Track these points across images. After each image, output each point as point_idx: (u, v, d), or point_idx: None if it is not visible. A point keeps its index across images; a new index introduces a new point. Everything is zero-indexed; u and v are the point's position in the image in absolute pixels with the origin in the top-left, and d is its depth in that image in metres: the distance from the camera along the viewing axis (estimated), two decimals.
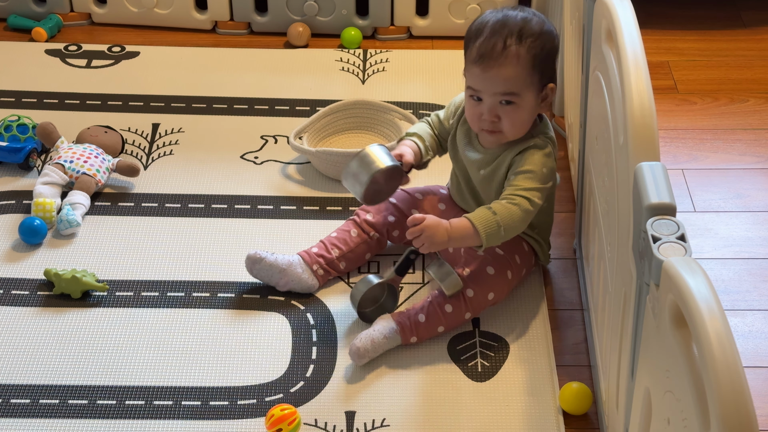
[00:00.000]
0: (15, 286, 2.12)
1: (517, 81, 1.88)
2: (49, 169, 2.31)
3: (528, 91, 1.90)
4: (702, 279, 1.21)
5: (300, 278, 2.08)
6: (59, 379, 1.94)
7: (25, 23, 2.90)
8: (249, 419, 1.87)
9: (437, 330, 1.99)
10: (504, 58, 1.87)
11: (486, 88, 1.90)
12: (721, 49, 2.86)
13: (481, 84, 1.90)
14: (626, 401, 1.59)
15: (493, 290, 2.00)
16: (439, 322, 1.98)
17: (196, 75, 2.74)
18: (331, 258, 2.10)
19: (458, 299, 1.98)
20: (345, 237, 2.12)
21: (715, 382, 1.11)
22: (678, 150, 2.50)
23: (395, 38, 2.89)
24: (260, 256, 2.06)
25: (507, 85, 1.88)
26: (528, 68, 1.88)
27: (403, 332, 1.96)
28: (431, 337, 1.99)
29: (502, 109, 1.91)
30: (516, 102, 1.90)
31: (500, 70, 1.87)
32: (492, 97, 1.90)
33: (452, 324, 2.00)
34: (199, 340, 2.02)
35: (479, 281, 2.00)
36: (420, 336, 1.98)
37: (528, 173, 1.92)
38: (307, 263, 2.09)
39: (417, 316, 1.97)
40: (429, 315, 1.97)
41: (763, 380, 1.96)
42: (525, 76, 1.88)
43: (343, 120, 2.49)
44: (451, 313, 1.98)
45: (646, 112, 1.53)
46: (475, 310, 2.00)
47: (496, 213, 1.88)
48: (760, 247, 2.23)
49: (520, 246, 2.06)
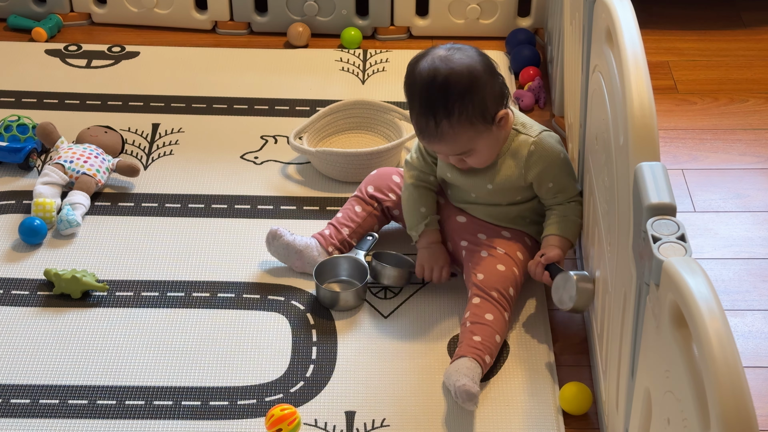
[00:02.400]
0: (15, 286, 2.12)
1: (463, 143, 1.93)
2: (49, 169, 2.31)
3: (479, 138, 1.93)
4: (702, 279, 1.21)
5: (315, 261, 2.10)
6: (59, 379, 1.94)
7: (25, 23, 2.90)
8: (249, 419, 1.87)
9: (496, 340, 1.93)
10: (440, 136, 1.92)
11: (438, 153, 2.00)
12: (721, 49, 2.86)
13: (432, 149, 2.01)
14: (626, 401, 1.59)
15: (511, 285, 2.00)
16: (492, 332, 1.93)
17: (196, 75, 2.74)
18: (343, 237, 2.14)
19: (490, 303, 1.95)
20: (351, 215, 2.15)
21: (715, 382, 1.11)
22: (678, 150, 2.50)
23: (395, 38, 2.89)
24: (280, 233, 2.10)
25: (455, 149, 1.94)
26: (468, 126, 1.91)
27: (478, 357, 1.89)
28: (497, 351, 1.93)
29: (463, 158, 1.97)
30: (473, 150, 1.95)
31: (441, 146, 1.95)
32: (447, 157, 1.98)
33: (502, 329, 1.95)
34: (199, 340, 2.02)
35: (496, 280, 1.98)
36: (489, 352, 1.91)
37: (556, 177, 2.01)
38: (323, 246, 2.12)
39: (472, 339, 1.92)
40: (479, 332, 1.92)
41: (763, 380, 1.96)
42: (470, 134, 1.92)
43: (343, 120, 2.49)
44: (494, 319, 1.94)
45: (646, 112, 1.52)
46: (509, 309, 1.98)
47: (567, 215, 2.03)
48: (760, 247, 2.23)
49: (522, 241, 2.06)
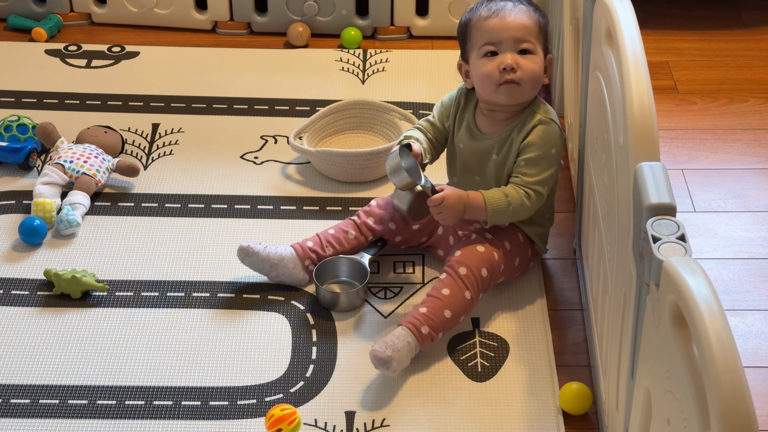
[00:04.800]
0: (15, 286, 2.12)
1: (531, 31, 1.97)
2: (49, 169, 2.31)
3: (539, 48, 1.98)
4: (702, 279, 1.21)
5: (290, 273, 2.09)
6: (59, 379, 1.94)
7: (25, 23, 2.90)
8: (249, 419, 1.87)
9: (444, 314, 1.93)
10: (518, 11, 1.98)
11: (504, 36, 1.97)
12: (721, 49, 2.86)
13: (498, 33, 1.97)
14: (626, 401, 1.59)
15: (485, 266, 1.99)
16: (441, 305, 1.94)
17: (196, 75, 2.74)
18: (324, 256, 2.11)
19: (452, 279, 1.96)
20: (342, 237, 2.12)
21: (715, 382, 1.11)
22: (678, 150, 2.50)
23: (395, 38, 2.89)
24: (253, 249, 2.07)
25: (525, 32, 1.96)
26: (536, 26, 1.98)
27: (413, 326, 1.90)
28: (445, 327, 1.94)
29: (520, 58, 1.96)
30: (532, 52, 1.97)
31: (517, 18, 1.97)
32: (510, 44, 1.96)
33: (456, 306, 1.95)
34: (199, 340, 2.02)
35: (470, 257, 1.99)
36: (430, 323, 1.91)
37: (538, 159, 1.97)
38: (300, 257, 2.10)
39: (418, 310, 1.94)
40: (429, 304, 1.95)
41: (763, 380, 1.96)
42: (536, 31, 1.98)
43: (343, 120, 2.49)
44: (449, 295, 1.95)
45: (646, 112, 1.52)
46: (473, 289, 1.98)
47: (508, 196, 1.97)
48: (760, 247, 2.23)
49: (515, 236, 2.07)
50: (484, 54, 1.97)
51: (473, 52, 2.00)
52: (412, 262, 2.18)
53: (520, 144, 1.98)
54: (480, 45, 1.98)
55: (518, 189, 1.97)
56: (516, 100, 1.98)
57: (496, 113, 2.02)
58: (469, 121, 2.06)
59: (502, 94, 1.97)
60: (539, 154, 1.97)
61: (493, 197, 1.96)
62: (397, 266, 2.17)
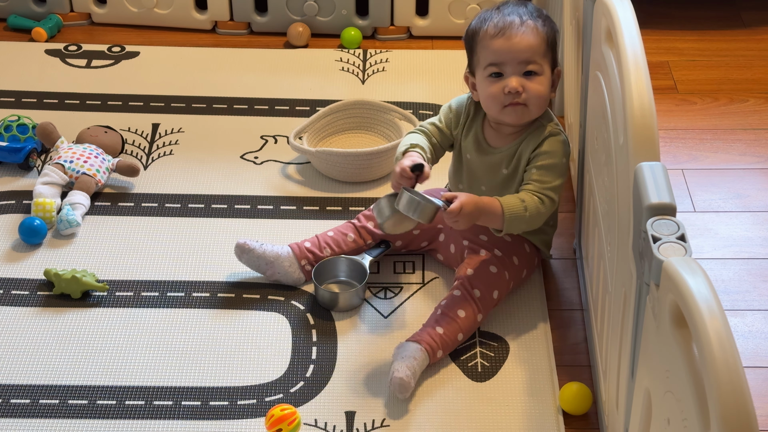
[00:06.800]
0: (15, 286, 2.12)
1: (538, 51, 1.92)
2: (49, 169, 2.31)
3: (546, 66, 1.94)
4: (702, 279, 1.21)
5: (286, 272, 2.09)
6: (59, 379, 1.94)
7: (25, 23, 2.90)
8: (249, 419, 1.87)
9: (458, 338, 1.96)
10: (525, 29, 1.92)
11: (509, 59, 1.92)
12: (721, 49, 2.86)
13: (504, 55, 1.92)
14: (626, 401, 1.59)
15: (497, 288, 2.01)
16: (457, 329, 1.95)
17: (196, 75, 2.74)
18: (321, 257, 2.11)
19: (467, 301, 1.97)
20: (340, 239, 2.12)
21: (715, 382, 1.11)
22: (678, 150, 2.50)
23: (395, 38, 2.89)
24: (249, 246, 2.07)
25: (530, 53, 1.92)
26: (544, 42, 1.93)
27: (431, 350, 1.92)
28: (453, 348, 1.96)
29: (526, 81, 1.93)
30: (538, 73, 1.93)
31: (523, 38, 1.92)
32: (516, 67, 1.92)
33: (469, 329, 1.97)
34: (199, 340, 2.02)
35: (484, 280, 2.00)
36: (444, 348, 1.94)
37: (551, 167, 1.95)
38: (296, 257, 2.09)
39: (435, 330, 1.94)
40: (446, 326, 1.94)
41: (763, 380, 1.95)
42: (544, 49, 1.93)
43: (343, 120, 2.49)
44: (465, 317, 1.96)
45: (646, 112, 1.52)
46: (484, 311, 1.99)
47: (525, 202, 1.93)
48: (760, 247, 2.23)
49: (521, 248, 2.06)
50: (490, 74, 1.94)
51: (479, 69, 1.96)
52: (412, 263, 2.18)
53: (531, 154, 1.97)
54: (485, 65, 1.94)
55: (533, 195, 1.94)
56: (522, 120, 1.97)
57: (504, 127, 2.01)
58: (477, 132, 2.04)
59: (508, 114, 1.96)
60: (552, 162, 1.96)
61: (511, 203, 1.92)
62: (397, 266, 2.17)
